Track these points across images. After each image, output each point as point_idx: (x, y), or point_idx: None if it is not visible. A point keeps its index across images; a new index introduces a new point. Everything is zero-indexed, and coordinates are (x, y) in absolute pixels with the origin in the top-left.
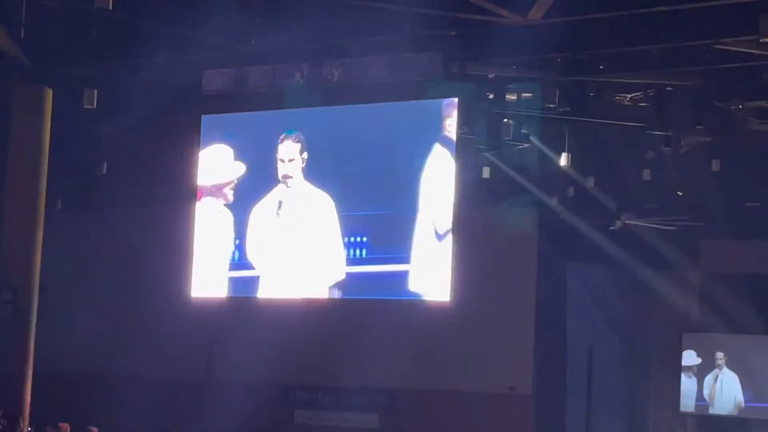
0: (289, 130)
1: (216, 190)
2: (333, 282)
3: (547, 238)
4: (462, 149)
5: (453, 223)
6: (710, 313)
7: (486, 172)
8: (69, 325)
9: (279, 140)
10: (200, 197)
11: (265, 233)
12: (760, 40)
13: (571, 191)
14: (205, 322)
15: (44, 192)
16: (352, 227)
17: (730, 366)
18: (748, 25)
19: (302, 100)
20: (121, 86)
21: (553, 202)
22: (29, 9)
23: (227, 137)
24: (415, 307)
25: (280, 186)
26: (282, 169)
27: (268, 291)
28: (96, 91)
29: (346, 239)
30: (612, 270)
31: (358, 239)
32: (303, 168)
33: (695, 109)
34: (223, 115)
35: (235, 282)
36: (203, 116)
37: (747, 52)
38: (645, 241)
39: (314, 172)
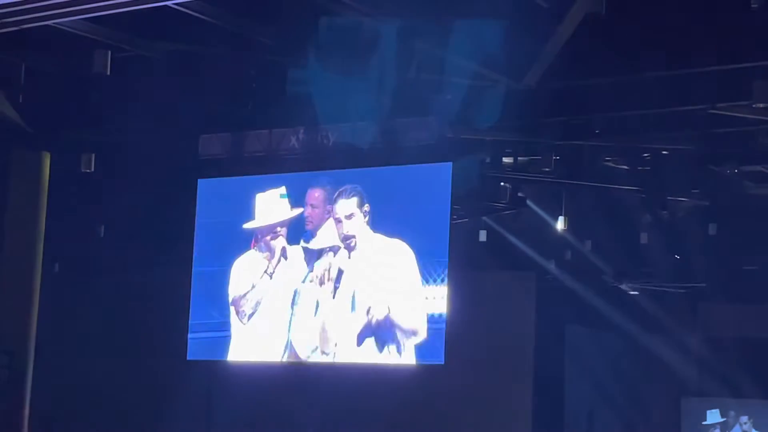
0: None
1: (268, 234)
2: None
3: (545, 301)
4: (458, 213)
5: (450, 285)
6: (709, 378)
7: (483, 236)
8: (66, 389)
9: (333, 199)
10: (252, 245)
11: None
12: (754, 106)
13: (568, 254)
14: (203, 384)
15: (41, 255)
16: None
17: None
18: (743, 91)
19: (299, 164)
20: (118, 150)
21: (551, 265)
22: (27, 74)
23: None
24: (411, 370)
25: (342, 252)
26: (343, 229)
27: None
28: (93, 155)
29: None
30: (610, 334)
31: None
32: (368, 221)
33: (691, 173)
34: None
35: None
36: (200, 180)
37: (742, 117)
38: (642, 304)
39: (384, 221)
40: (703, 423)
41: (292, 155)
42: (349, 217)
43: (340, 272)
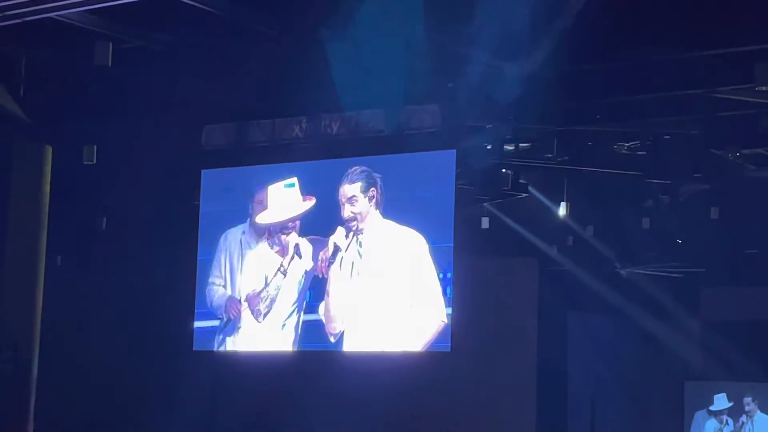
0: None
1: (279, 229)
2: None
3: (548, 287)
4: (460, 200)
5: (453, 272)
6: (712, 361)
7: (485, 222)
8: (71, 381)
9: (341, 180)
10: (266, 237)
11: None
12: (756, 89)
13: (570, 240)
14: (209, 375)
15: (44, 248)
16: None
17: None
18: (744, 74)
19: (303, 154)
20: (120, 142)
21: (553, 251)
22: (29, 67)
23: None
24: (414, 357)
25: (339, 230)
26: (345, 212)
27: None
28: (96, 147)
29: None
30: (613, 319)
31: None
32: (376, 205)
33: (693, 157)
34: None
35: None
36: (203, 171)
37: (743, 100)
38: (645, 289)
39: (392, 208)
40: (711, 408)
41: (296, 144)
42: (351, 200)
43: (337, 249)
